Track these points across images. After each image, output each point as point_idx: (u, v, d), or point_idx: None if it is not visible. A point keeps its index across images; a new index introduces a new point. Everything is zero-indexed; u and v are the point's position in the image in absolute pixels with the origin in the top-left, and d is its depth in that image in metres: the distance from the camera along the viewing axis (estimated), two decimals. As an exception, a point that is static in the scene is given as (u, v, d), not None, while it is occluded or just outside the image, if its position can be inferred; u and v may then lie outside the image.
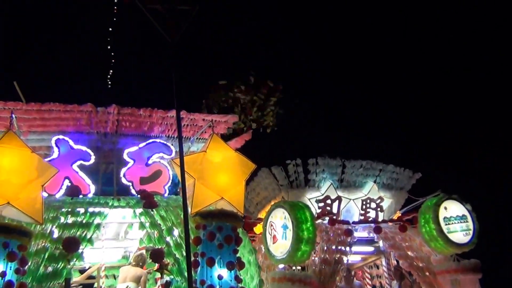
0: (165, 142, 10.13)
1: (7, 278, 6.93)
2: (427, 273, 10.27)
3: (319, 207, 11.02)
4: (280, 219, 9.41)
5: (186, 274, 8.46)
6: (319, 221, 10.30)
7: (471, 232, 10.28)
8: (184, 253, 8.61)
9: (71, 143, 9.49)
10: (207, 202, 8.56)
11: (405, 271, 10.66)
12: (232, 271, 8.18)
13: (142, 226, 8.97)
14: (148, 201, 8.95)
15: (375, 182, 11.55)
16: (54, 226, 8.28)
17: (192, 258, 7.99)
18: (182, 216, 8.80)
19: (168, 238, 8.85)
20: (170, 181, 9.94)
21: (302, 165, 11.06)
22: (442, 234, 10.07)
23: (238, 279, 8.25)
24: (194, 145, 10.47)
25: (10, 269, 7.01)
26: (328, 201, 11.10)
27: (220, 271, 8.07)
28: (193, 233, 8.40)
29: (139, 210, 9.00)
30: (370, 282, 12.36)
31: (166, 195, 9.80)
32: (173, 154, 9.88)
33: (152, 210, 8.95)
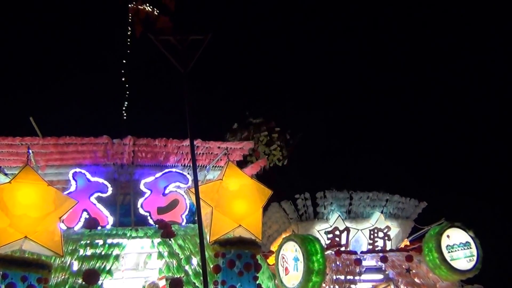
0: (181, 172, 10.15)
1: (28, 312, 6.95)
2: None
3: (328, 239, 11.29)
4: (291, 252, 9.64)
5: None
6: (329, 252, 10.54)
7: (474, 258, 10.55)
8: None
9: (88, 175, 9.57)
10: (225, 230, 8.57)
11: None
12: (253, 299, 8.13)
13: (160, 255, 8.97)
14: (166, 231, 8.95)
15: (382, 212, 11.81)
16: (74, 259, 8.33)
17: (213, 287, 7.98)
18: (200, 244, 8.83)
19: (186, 267, 8.84)
20: (187, 210, 9.94)
21: (310, 199, 11.37)
22: (445, 262, 10.38)
23: (259, 307, 8.21)
24: (210, 173, 10.48)
25: (30, 303, 7.03)
26: (337, 232, 11.39)
27: (241, 299, 8.04)
28: (212, 261, 8.39)
29: (157, 240, 9.02)
30: None
31: (183, 224, 9.80)
32: (190, 183, 9.88)
33: (170, 240, 8.96)
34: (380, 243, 11.62)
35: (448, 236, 10.66)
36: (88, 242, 8.63)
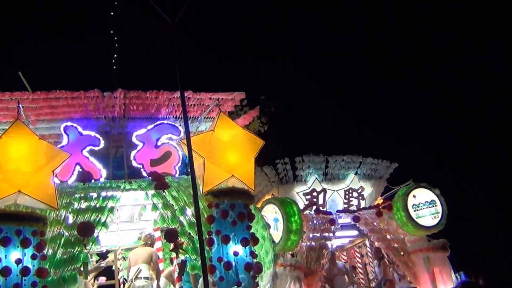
0: (173, 123, 10.12)
1: (24, 264, 7.02)
2: (402, 253, 11.76)
3: (306, 199, 12.11)
4: (271, 213, 10.69)
5: (201, 252, 8.62)
6: (307, 212, 11.55)
7: (439, 215, 11.67)
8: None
9: (80, 129, 9.53)
10: (218, 181, 8.61)
11: (384, 251, 11.98)
12: (247, 247, 8.25)
13: (155, 207, 9.02)
14: (159, 183, 8.99)
15: (356, 173, 12.71)
16: (68, 212, 8.35)
17: (207, 237, 8.08)
18: (193, 195, 8.89)
19: (181, 218, 8.90)
20: (180, 161, 9.96)
21: (289, 163, 12.17)
22: (411, 220, 11.51)
23: (253, 255, 8.33)
24: (202, 125, 10.44)
25: (26, 255, 7.10)
26: (314, 194, 12.24)
27: (235, 248, 8.15)
28: (206, 212, 8.46)
29: (151, 192, 9.05)
30: (360, 261, 13.65)
31: (177, 175, 9.82)
32: (182, 134, 9.87)
33: (164, 191, 8.99)
34: (354, 202, 12.52)
35: (414, 196, 11.76)
36: (82, 195, 8.63)
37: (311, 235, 11.28)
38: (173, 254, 9.98)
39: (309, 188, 12.25)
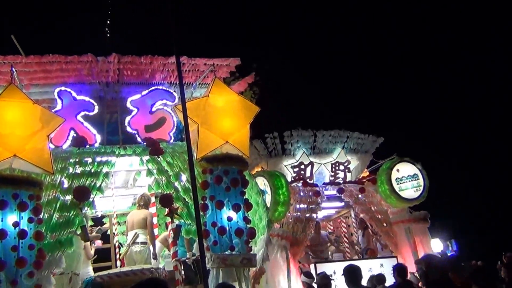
0: (167, 89, 10.09)
1: (21, 227, 7.10)
2: (385, 224, 12.27)
3: (294, 172, 12.48)
4: (260, 186, 10.66)
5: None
6: (294, 184, 12.01)
7: (421, 188, 12.20)
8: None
9: (74, 94, 9.48)
10: (212, 147, 8.63)
11: (367, 222, 12.59)
12: (240, 213, 8.34)
13: (149, 173, 9.06)
14: (154, 148, 9.01)
15: (343, 148, 13.05)
16: (63, 177, 8.38)
17: (201, 202, 8.16)
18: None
19: (176, 184, 8.96)
20: (175, 127, 9.96)
21: (278, 137, 12.44)
22: (394, 193, 12.03)
23: (247, 220, 8.43)
24: (197, 91, 10.40)
25: (23, 219, 7.17)
26: (302, 167, 12.59)
27: (229, 213, 8.24)
28: (200, 177, 8.50)
29: (146, 158, 9.06)
30: (345, 230, 14.35)
31: (171, 141, 9.85)
32: (176, 100, 9.84)
33: (159, 157, 9.02)
34: (341, 175, 12.92)
35: (397, 170, 12.28)
36: (77, 160, 8.66)
37: (298, 207, 11.70)
38: (168, 219, 10.09)
39: (297, 161, 12.58)
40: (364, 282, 7.88)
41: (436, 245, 19.45)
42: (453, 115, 31.14)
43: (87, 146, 9.10)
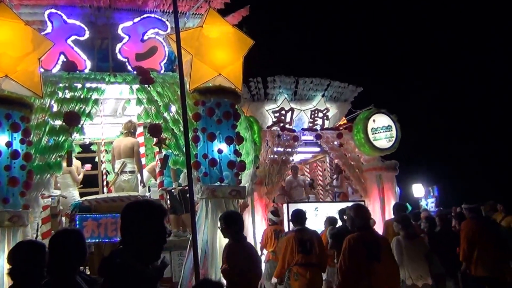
0: (160, 18, 9.85)
1: (13, 148, 7.10)
2: (357, 170, 13.03)
3: (275, 117, 12.80)
4: None
5: (184, 148, 8.75)
6: (275, 128, 12.47)
7: (393, 139, 12.85)
8: (182, 129, 8.83)
9: (64, 17, 9.17)
10: (205, 79, 8.57)
11: (342, 167, 13.35)
12: (231, 146, 8.41)
13: (139, 102, 9.01)
14: (144, 77, 8.90)
15: (323, 95, 13.34)
16: (53, 101, 8.30)
17: (193, 134, 8.19)
18: (179, 92, 8.85)
19: (165, 114, 8.96)
20: (166, 57, 9.80)
21: (262, 82, 12.63)
22: (369, 142, 12.61)
23: (237, 153, 8.52)
24: (190, 21, 10.19)
25: (15, 140, 7.15)
26: (283, 112, 12.95)
27: (220, 146, 8.30)
28: (191, 109, 8.50)
29: (136, 86, 8.98)
30: (320, 174, 15.26)
31: (162, 71, 9.71)
32: (169, 30, 9.62)
33: (149, 86, 8.94)
34: (319, 121, 13.33)
35: (374, 120, 12.81)
36: (67, 85, 8.52)
37: (275, 149, 12.17)
38: (156, 149, 10.15)
39: (278, 106, 12.86)
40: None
41: (418, 190, 20.09)
42: (433, 67, 31.81)
43: (77, 71, 8.93)
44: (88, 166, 11.21)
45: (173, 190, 9.83)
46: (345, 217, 6.91)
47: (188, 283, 8.32)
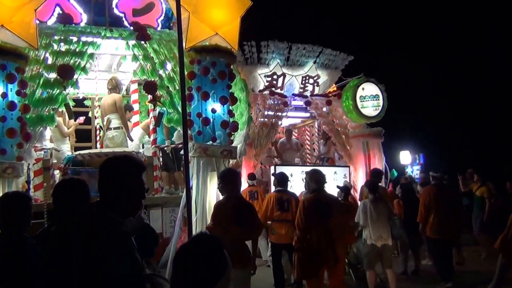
0: (157, -27, 9.72)
1: (9, 99, 7.10)
2: (343, 136, 13.36)
3: (267, 81, 12.98)
4: None
5: (178, 106, 8.78)
6: (266, 92, 12.70)
7: (380, 108, 13.18)
8: (177, 87, 8.84)
9: (61, -32, 9.07)
10: (201, 37, 8.51)
11: (329, 133, 13.55)
12: (225, 106, 8.45)
13: (135, 58, 8.97)
14: (141, 33, 8.85)
15: (314, 62, 13.48)
16: (48, 53, 8.25)
17: (187, 92, 8.20)
18: (175, 50, 8.84)
19: (161, 71, 8.95)
20: (163, 14, 9.74)
21: (256, 46, 12.74)
22: (356, 109, 12.94)
23: (231, 114, 8.57)
24: (188, -22, 10.06)
25: (11, 91, 7.15)
26: (275, 77, 13.06)
27: (214, 105, 8.33)
28: (187, 68, 8.47)
29: (132, 42, 8.93)
30: (308, 139, 15.65)
31: (158, 28, 9.66)
32: (166, -15, 9.54)
33: (145, 43, 8.91)
34: (309, 88, 13.58)
35: (363, 89, 13.13)
36: (62, 37, 8.45)
37: (265, 113, 12.40)
38: (150, 107, 10.18)
39: (271, 71, 12.99)
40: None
41: (405, 157, 20.37)
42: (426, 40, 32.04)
43: (73, 24, 8.85)
44: (81, 119, 11.20)
45: (165, 148, 9.92)
46: None
47: (178, 239, 8.52)
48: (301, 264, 6.03)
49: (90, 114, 12.06)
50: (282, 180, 8.36)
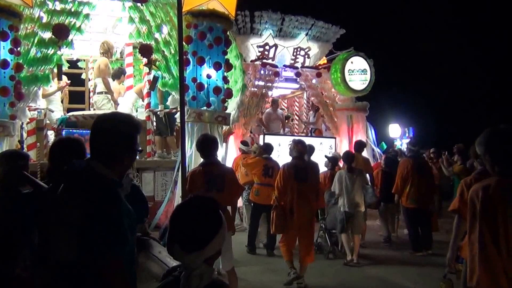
0: None
1: (2, 57, 7.03)
2: (331, 109, 13.52)
3: (259, 51, 12.95)
4: None
5: (173, 71, 8.73)
6: (258, 62, 12.69)
7: (367, 82, 13.21)
8: (173, 51, 8.78)
9: None
10: (199, 1, 8.40)
11: (317, 105, 13.68)
12: (220, 72, 8.41)
13: (131, 20, 8.88)
14: (137, -5, 8.73)
15: (306, 34, 13.48)
16: (42, 11, 8.13)
17: (183, 57, 8.13)
18: (171, 14, 8.75)
19: (157, 35, 8.87)
20: (161, -24, 9.57)
21: (249, 16, 12.66)
22: (344, 82, 12.96)
23: (225, 80, 8.55)
24: None
25: (4, 49, 7.07)
26: (267, 47, 13.03)
27: (209, 71, 8.30)
28: (184, 32, 8.38)
29: (128, 4, 8.80)
30: (297, 109, 15.71)
31: (155, -10, 9.51)
32: None
33: (142, 5, 8.78)
34: (300, 59, 13.59)
35: (352, 62, 13.12)
36: (57, -4, 8.34)
37: (256, 83, 12.41)
38: (144, 71, 10.11)
39: (263, 41, 12.99)
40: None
41: (395, 130, 20.48)
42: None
43: (69, -18, 8.68)
44: (62, 83, 10.77)
45: (159, 112, 9.89)
46: None
47: (169, 203, 8.59)
48: (278, 220, 6.55)
49: (83, 76, 11.94)
50: (268, 149, 8.74)
